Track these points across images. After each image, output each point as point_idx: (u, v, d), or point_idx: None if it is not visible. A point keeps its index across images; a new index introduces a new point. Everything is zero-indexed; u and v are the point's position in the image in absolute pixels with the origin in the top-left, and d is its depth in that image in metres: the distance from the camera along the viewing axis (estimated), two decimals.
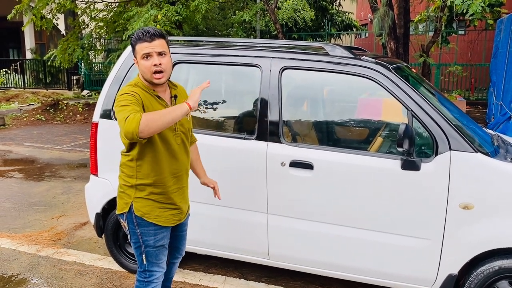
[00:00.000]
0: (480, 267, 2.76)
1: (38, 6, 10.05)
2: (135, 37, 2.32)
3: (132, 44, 2.35)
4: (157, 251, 2.49)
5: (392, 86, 2.88)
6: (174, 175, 2.45)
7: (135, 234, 2.46)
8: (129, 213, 2.43)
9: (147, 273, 2.53)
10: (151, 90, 2.34)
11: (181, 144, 2.47)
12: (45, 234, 4.47)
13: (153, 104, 2.31)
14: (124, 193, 2.45)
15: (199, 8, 8.72)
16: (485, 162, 2.70)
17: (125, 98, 2.22)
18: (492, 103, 9.55)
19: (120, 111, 2.16)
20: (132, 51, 2.38)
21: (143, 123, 2.06)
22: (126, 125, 2.07)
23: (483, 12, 7.22)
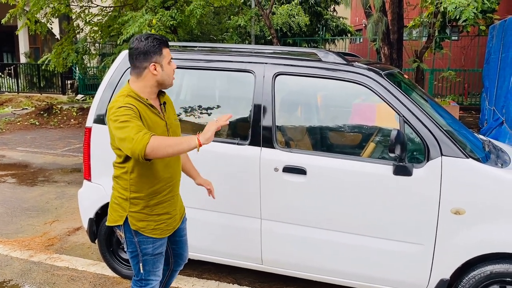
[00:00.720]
0: (471, 272, 2.77)
1: (33, 10, 10.04)
2: (157, 40, 2.26)
3: (154, 49, 2.25)
4: (154, 259, 2.45)
5: (384, 92, 2.90)
6: (168, 183, 2.42)
7: (132, 243, 2.41)
8: (126, 223, 2.38)
9: (143, 282, 2.48)
10: (144, 99, 2.27)
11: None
12: (37, 239, 4.44)
13: (148, 113, 2.26)
14: (119, 206, 2.38)
15: (194, 13, 8.76)
16: (476, 167, 2.73)
17: (123, 113, 2.12)
18: (485, 108, 9.63)
19: (121, 128, 2.09)
20: (152, 57, 2.25)
21: (150, 147, 2.03)
22: (133, 145, 2.03)
23: (475, 18, 7.29)
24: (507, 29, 8.03)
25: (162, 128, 2.32)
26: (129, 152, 2.08)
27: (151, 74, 2.27)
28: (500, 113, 7.64)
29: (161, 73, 2.29)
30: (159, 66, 2.28)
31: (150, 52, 2.24)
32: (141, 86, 2.29)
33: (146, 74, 2.27)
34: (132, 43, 2.28)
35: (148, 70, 2.26)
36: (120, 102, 2.20)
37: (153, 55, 2.25)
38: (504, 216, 2.68)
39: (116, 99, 2.26)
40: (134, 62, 2.28)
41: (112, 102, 2.25)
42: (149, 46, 2.24)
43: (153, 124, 2.27)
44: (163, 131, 2.33)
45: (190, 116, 3.59)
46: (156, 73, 2.27)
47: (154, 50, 2.25)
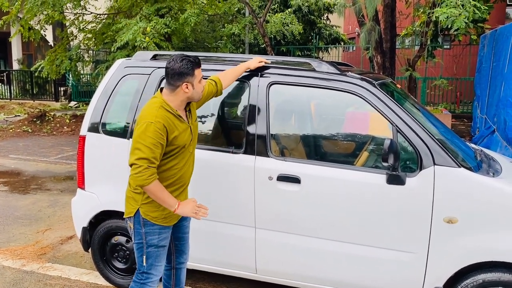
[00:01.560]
0: (464, 281, 2.79)
1: (26, 17, 10.01)
2: (191, 63, 2.53)
3: (187, 71, 2.52)
4: (158, 251, 2.65)
5: (377, 101, 2.93)
6: (182, 181, 2.69)
7: (139, 234, 2.63)
8: (136, 215, 2.61)
9: (144, 275, 2.68)
10: (174, 110, 2.55)
11: (192, 152, 2.75)
12: (30, 248, 4.41)
13: (175, 123, 2.53)
14: (132, 199, 2.63)
15: (188, 20, 8.78)
16: (468, 176, 2.76)
17: (152, 136, 2.41)
18: (477, 117, 9.72)
19: (140, 146, 2.41)
20: (185, 77, 2.52)
21: (147, 188, 2.44)
22: (137, 176, 2.39)
23: (467, 28, 7.38)
24: (498, 38, 8.14)
25: (188, 133, 2.63)
26: (131, 171, 2.43)
27: (183, 91, 2.55)
28: (492, 122, 7.72)
29: (192, 91, 2.58)
30: (190, 85, 2.56)
31: (184, 73, 2.52)
32: (172, 100, 2.57)
33: (179, 91, 2.55)
34: (169, 63, 2.54)
35: (180, 88, 2.54)
36: (152, 115, 2.46)
37: (186, 76, 2.53)
38: (496, 225, 2.71)
39: (150, 107, 2.53)
40: (169, 80, 2.55)
41: (146, 109, 2.53)
42: (183, 68, 2.51)
43: (180, 132, 2.56)
44: (189, 135, 2.64)
45: None
46: (187, 91, 2.56)
47: (187, 71, 2.53)
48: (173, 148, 2.55)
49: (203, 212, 2.59)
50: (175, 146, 2.55)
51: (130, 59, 3.60)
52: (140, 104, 3.37)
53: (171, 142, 2.51)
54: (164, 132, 2.46)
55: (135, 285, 2.71)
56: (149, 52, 3.58)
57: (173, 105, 2.55)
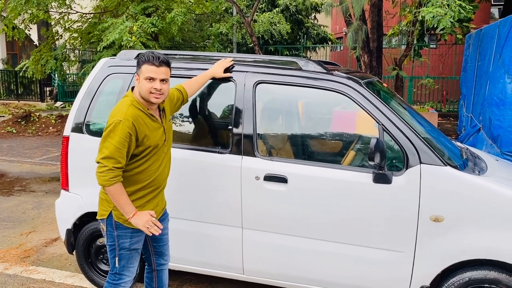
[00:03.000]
0: (451, 279, 2.80)
1: (10, 16, 9.86)
2: (145, 57, 2.50)
3: (139, 62, 2.52)
4: (130, 254, 2.64)
5: (364, 100, 2.92)
6: (157, 181, 2.64)
7: (112, 236, 2.61)
8: (109, 218, 2.59)
9: (117, 276, 2.68)
10: (146, 108, 2.52)
11: (167, 152, 2.72)
12: (13, 251, 4.33)
13: (146, 121, 2.51)
14: (105, 200, 2.60)
15: (175, 20, 8.72)
16: (454, 175, 2.77)
17: (120, 135, 2.39)
18: (463, 115, 9.82)
19: (108, 146, 2.39)
20: (137, 67, 2.53)
21: (107, 189, 2.43)
22: (100, 175, 2.40)
23: (452, 27, 7.44)
24: (483, 38, 8.22)
25: (160, 133, 2.60)
26: (96, 169, 2.43)
27: (136, 82, 2.55)
28: (477, 120, 7.79)
29: (139, 85, 2.53)
30: (138, 78, 2.54)
31: (138, 63, 2.54)
32: (135, 92, 2.56)
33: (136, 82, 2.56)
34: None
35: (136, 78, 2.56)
36: (122, 113, 2.44)
37: (138, 67, 2.53)
38: (481, 223, 2.72)
39: (120, 105, 2.51)
40: None
41: (116, 107, 2.52)
42: (140, 59, 2.52)
43: (152, 131, 2.53)
44: (161, 135, 2.60)
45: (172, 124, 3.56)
46: (137, 84, 2.54)
47: (140, 62, 2.53)
48: (145, 148, 2.51)
49: (155, 230, 2.50)
50: (146, 146, 2.51)
51: (114, 58, 3.55)
52: None
53: (141, 141, 2.48)
54: (133, 131, 2.43)
55: (108, 286, 2.70)
56: (133, 51, 3.53)
57: (139, 99, 2.53)
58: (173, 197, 3.25)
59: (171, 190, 3.24)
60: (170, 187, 3.23)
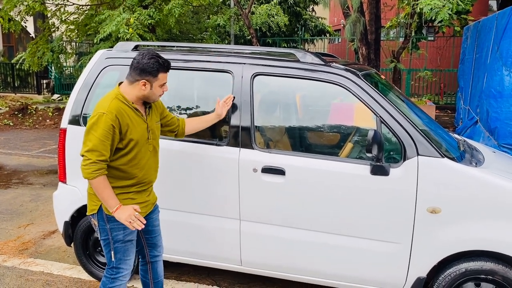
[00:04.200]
0: (447, 270, 2.82)
1: (6, 8, 9.76)
2: (158, 64, 2.51)
3: (152, 70, 2.50)
4: (125, 246, 2.62)
5: (361, 92, 2.92)
6: (144, 179, 2.64)
7: (105, 230, 2.59)
8: (100, 212, 2.57)
9: (114, 270, 2.65)
10: (130, 103, 2.53)
11: (152, 151, 2.68)
12: (11, 243, 4.33)
13: (130, 115, 2.51)
14: (94, 195, 2.57)
15: (172, 12, 8.66)
16: (451, 167, 2.77)
17: (104, 127, 2.39)
18: (460, 108, 9.83)
19: (92, 139, 2.39)
20: (146, 75, 2.50)
21: (91, 182, 2.42)
22: (84, 168, 2.39)
23: (450, 19, 7.43)
24: (481, 30, 8.21)
25: (143, 130, 2.58)
26: (82, 162, 2.42)
27: (139, 87, 2.53)
28: (475, 113, 7.80)
29: (149, 91, 2.55)
30: (149, 85, 2.53)
31: (146, 71, 2.50)
32: (129, 92, 2.54)
33: (136, 85, 2.53)
34: (138, 55, 2.53)
35: (138, 83, 2.52)
36: (105, 105, 2.45)
37: (147, 74, 2.51)
38: (478, 214, 2.73)
39: (104, 99, 2.52)
40: (131, 71, 2.53)
41: (100, 101, 2.52)
42: (148, 66, 2.49)
43: (135, 125, 2.53)
44: (144, 132, 2.58)
45: None
46: (144, 89, 2.53)
47: (151, 71, 2.50)
48: (128, 142, 2.50)
49: (138, 224, 2.47)
50: (129, 139, 2.49)
51: (111, 50, 3.53)
52: None
53: (125, 134, 2.47)
54: (117, 123, 2.43)
55: (106, 280, 2.68)
56: (130, 43, 3.52)
57: (129, 97, 2.53)
58: (171, 189, 3.26)
59: (169, 182, 3.25)
60: (168, 179, 3.24)
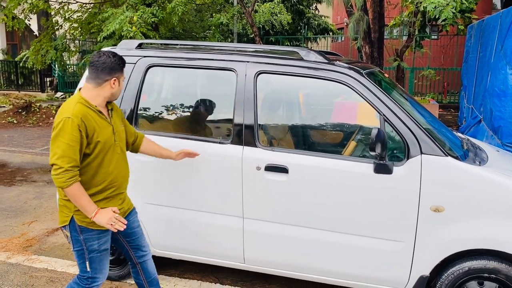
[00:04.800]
0: (450, 268, 2.82)
1: (10, 6, 9.80)
2: (122, 60, 2.56)
3: (119, 67, 2.55)
4: (101, 256, 2.58)
5: (365, 90, 2.92)
6: (114, 183, 2.59)
7: (78, 241, 2.54)
8: (72, 223, 2.52)
9: (89, 280, 2.59)
10: (94, 106, 2.50)
11: (120, 153, 2.65)
12: (15, 240, 4.35)
13: (95, 118, 2.48)
14: (65, 207, 2.53)
15: (175, 10, 8.67)
16: (455, 165, 2.77)
17: (71, 132, 2.35)
18: (464, 107, 9.80)
19: (61, 146, 2.34)
20: (115, 73, 2.53)
21: (66, 191, 2.36)
22: (57, 178, 2.33)
23: (454, 18, 7.40)
24: (485, 29, 8.18)
25: (109, 132, 2.56)
26: (52, 171, 2.36)
27: (109, 87, 2.54)
28: (478, 111, 7.78)
29: (117, 88, 2.58)
30: (117, 81, 2.56)
31: (115, 69, 2.53)
32: (94, 95, 2.52)
33: (105, 86, 2.53)
34: (100, 57, 2.51)
35: (108, 83, 2.53)
36: (70, 110, 2.41)
37: (116, 72, 2.54)
38: (482, 213, 2.73)
39: (67, 104, 2.47)
40: (98, 73, 2.50)
41: (63, 106, 2.47)
42: (116, 64, 2.53)
43: (101, 128, 2.50)
44: (110, 134, 2.56)
45: (172, 115, 3.56)
46: (113, 87, 2.55)
47: (119, 68, 2.56)
48: (95, 145, 2.46)
49: (120, 225, 2.46)
50: (96, 142, 2.46)
51: (115, 48, 3.54)
52: (126, 93, 3.33)
53: (91, 138, 2.44)
54: (83, 127, 2.39)
55: None
56: (134, 41, 3.52)
57: (95, 102, 2.50)
58: (174, 187, 3.27)
59: (172, 180, 3.26)
60: (171, 177, 3.25)
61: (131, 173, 2.78)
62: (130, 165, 2.79)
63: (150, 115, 3.54)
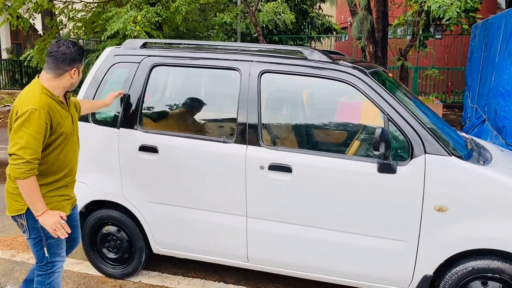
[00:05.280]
0: (454, 268, 2.82)
1: (14, 6, 9.84)
2: (82, 50, 2.58)
3: (80, 57, 2.55)
4: (58, 240, 2.60)
5: (369, 90, 2.92)
6: (71, 172, 2.67)
7: (35, 228, 2.53)
8: (28, 211, 2.50)
9: (49, 265, 2.62)
10: (56, 97, 2.52)
11: (76, 142, 2.72)
12: (20, 238, 4.38)
13: (58, 109, 2.51)
14: (19, 195, 2.48)
15: (179, 9, 8.68)
16: (459, 165, 2.77)
17: (37, 124, 2.34)
18: (468, 106, 9.77)
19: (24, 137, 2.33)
20: (75, 63, 2.54)
21: (21, 182, 2.35)
22: (15, 168, 2.31)
23: (458, 17, 7.37)
24: (489, 28, 8.16)
25: (69, 122, 2.61)
26: (10, 161, 2.35)
27: (69, 77, 2.54)
28: (482, 111, 7.76)
29: (76, 78, 2.58)
30: (77, 71, 2.57)
31: (76, 59, 2.54)
32: (54, 86, 2.52)
33: (65, 76, 2.53)
34: (60, 47, 2.50)
35: (68, 73, 2.53)
36: (35, 101, 2.39)
37: (76, 62, 2.55)
38: (485, 212, 2.73)
39: (30, 93, 2.45)
40: (58, 64, 2.50)
41: (26, 95, 2.44)
42: (77, 54, 2.54)
43: (63, 119, 2.54)
44: (70, 124, 2.61)
45: (176, 114, 3.57)
46: (73, 77, 2.57)
47: (79, 58, 2.56)
48: (58, 136, 2.49)
49: (62, 233, 2.47)
50: (59, 133, 2.49)
51: (119, 47, 3.56)
52: (130, 92, 3.34)
53: (55, 129, 2.46)
54: (49, 119, 2.41)
55: (42, 279, 2.62)
56: (139, 40, 3.54)
57: (55, 91, 2.51)
58: (177, 186, 3.28)
59: (176, 178, 3.27)
60: (175, 175, 3.26)
61: (135, 172, 2.79)
62: (135, 163, 2.81)
63: (154, 114, 3.55)
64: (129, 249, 3.54)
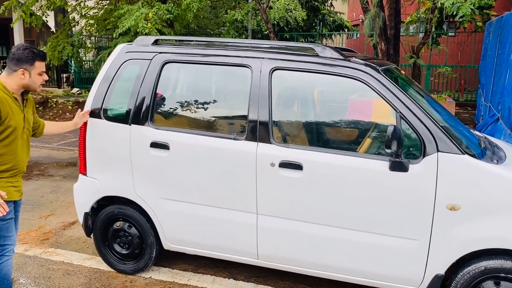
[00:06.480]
0: (466, 268, 2.79)
1: (28, 3, 9.93)
2: (33, 53, 2.75)
3: (26, 59, 2.73)
4: (7, 223, 2.77)
5: (381, 87, 2.90)
6: (17, 165, 2.82)
7: None
8: None
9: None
10: (10, 93, 2.73)
11: (26, 139, 2.90)
12: (33, 233, 4.43)
13: (10, 103, 2.70)
14: None
15: (190, 6, 8.70)
16: (472, 163, 2.74)
17: None
18: (481, 105, 9.66)
19: None
20: (22, 64, 2.72)
21: None
22: None
23: (472, 15, 7.29)
24: (504, 25, 8.03)
25: (20, 119, 2.78)
26: None
27: (19, 77, 2.75)
28: (496, 110, 7.66)
29: (28, 79, 2.77)
30: (27, 73, 2.76)
31: (21, 60, 2.74)
32: (9, 82, 2.76)
33: (15, 75, 2.75)
34: (13, 48, 2.76)
35: (17, 73, 2.74)
36: None
37: (23, 63, 2.74)
38: (499, 212, 2.69)
39: None
40: (8, 63, 2.76)
41: None
42: (22, 56, 2.73)
43: (14, 114, 2.72)
44: (21, 120, 2.79)
45: (187, 111, 3.58)
46: (23, 78, 2.75)
47: (27, 60, 2.75)
48: (6, 128, 2.67)
49: (2, 210, 2.64)
50: (7, 126, 2.67)
51: (131, 44, 3.57)
52: (142, 89, 3.35)
53: (3, 121, 2.65)
54: (5, 111, 2.62)
55: None
56: (150, 37, 3.55)
57: (10, 88, 2.73)
58: (188, 182, 3.29)
59: (187, 175, 3.28)
60: (186, 172, 3.27)
61: (147, 168, 2.80)
62: (146, 159, 2.83)
63: (166, 110, 3.56)
64: (140, 245, 3.56)
